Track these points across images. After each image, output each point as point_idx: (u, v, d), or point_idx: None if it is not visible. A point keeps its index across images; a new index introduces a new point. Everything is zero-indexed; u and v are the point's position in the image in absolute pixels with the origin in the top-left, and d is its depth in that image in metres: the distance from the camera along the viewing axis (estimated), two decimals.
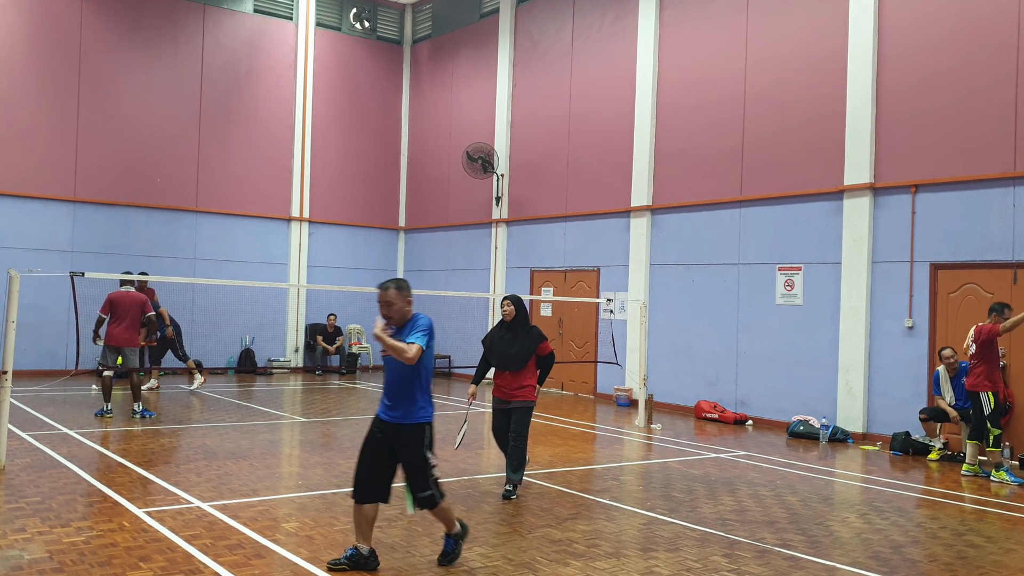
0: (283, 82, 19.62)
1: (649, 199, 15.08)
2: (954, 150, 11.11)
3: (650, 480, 8.73)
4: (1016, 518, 7.60)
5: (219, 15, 18.81)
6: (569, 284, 16.84)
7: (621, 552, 6.06)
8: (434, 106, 20.69)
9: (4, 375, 8.09)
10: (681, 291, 14.53)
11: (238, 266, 18.78)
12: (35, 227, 16.58)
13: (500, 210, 18.40)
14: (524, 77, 18.10)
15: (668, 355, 14.58)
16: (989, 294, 10.66)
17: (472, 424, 12.35)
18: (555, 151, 17.19)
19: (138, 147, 17.72)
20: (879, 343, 11.79)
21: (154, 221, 17.91)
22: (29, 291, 14.65)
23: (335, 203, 20.38)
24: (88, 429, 10.59)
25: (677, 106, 14.79)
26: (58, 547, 5.69)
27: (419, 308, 5.57)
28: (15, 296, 8.33)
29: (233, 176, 18.88)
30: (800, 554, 6.15)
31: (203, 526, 6.32)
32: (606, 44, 16.20)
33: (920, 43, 11.53)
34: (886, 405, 11.65)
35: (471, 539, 6.24)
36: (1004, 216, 10.60)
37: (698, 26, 14.50)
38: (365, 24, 20.71)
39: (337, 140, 20.40)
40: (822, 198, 12.55)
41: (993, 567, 6.04)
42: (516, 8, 18.42)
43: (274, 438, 10.61)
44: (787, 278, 12.95)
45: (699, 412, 13.64)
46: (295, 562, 5.57)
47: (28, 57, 16.64)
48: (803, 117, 12.82)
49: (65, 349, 16.48)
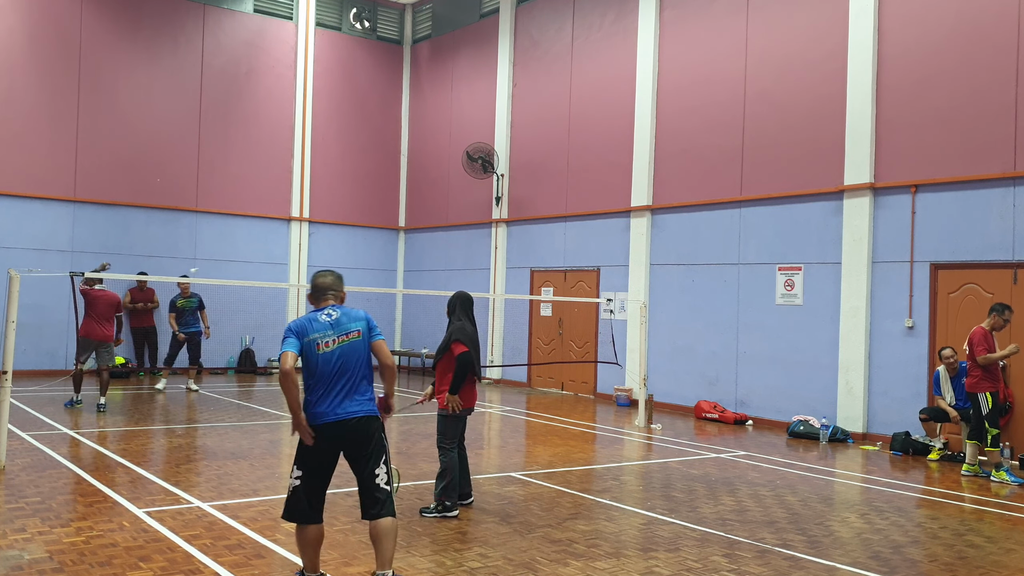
0: (283, 82, 19.62)
1: (649, 199, 15.08)
2: (954, 150, 11.11)
3: (650, 480, 8.73)
4: (1016, 518, 7.60)
5: (219, 15, 18.81)
6: (569, 284, 16.84)
7: (621, 552, 6.06)
8: (434, 106, 20.69)
9: (4, 375, 8.10)
10: (681, 291, 14.53)
11: (238, 266, 18.77)
12: (35, 227, 16.58)
13: (500, 210, 18.40)
14: (524, 77, 18.10)
15: (668, 355, 14.58)
16: (989, 294, 10.66)
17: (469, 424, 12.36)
18: (555, 151, 17.18)
19: (138, 147, 17.72)
20: (879, 343, 11.79)
21: (154, 221, 17.91)
22: (29, 291, 14.65)
23: (335, 203, 20.37)
24: (88, 429, 10.60)
25: (677, 106, 14.78)
26: (58, 547, 5.69)
27: (419, 308, 5.59)
28: (15, 296, 8.33)
29: (233, 176, 18.88)
30: (800, 554, 6.15)
31: (203, 526, 6.32)
32: (606, 44, 16.20)
33: (920, 43, 11.53)
34: (886, 405, 11.64)
35: (471, 539, 6.25)
36: (1004, 216, 10.60)
37: (698, 26, 14.50)
38: (365, 24, 20.71)
39: (337, 140, 20.40)
40: (822, 198, 12.55)
41: (993, 567, 6.04)
42: (516, 8, 18.42)
43: (274, 438, 10.61)
44: (787, 278, 12.95)
45: (699, 412, 13.64)
46: (295, 562, 5.57)
47: (28, 57, 16.63)
48: (803, 117, 12.82)
49: (65, 349, 16.47)
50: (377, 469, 4.96)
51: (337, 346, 4.97)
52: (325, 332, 4.98)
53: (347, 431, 4.93)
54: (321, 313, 5.09)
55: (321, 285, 5.21)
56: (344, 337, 5.01)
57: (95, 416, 11.71)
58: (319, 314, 5.08)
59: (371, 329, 5.14)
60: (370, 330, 5.13)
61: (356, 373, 5.00)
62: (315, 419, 4.94)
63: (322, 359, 4.94)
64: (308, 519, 4.96)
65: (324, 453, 4.99)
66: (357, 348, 5.03)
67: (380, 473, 4.96)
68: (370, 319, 5.19)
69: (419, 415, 12.60)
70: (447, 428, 7.10)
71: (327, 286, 5.22)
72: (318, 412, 4.94)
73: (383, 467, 4.98)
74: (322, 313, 5.09)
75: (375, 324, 5.21)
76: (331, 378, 4.94)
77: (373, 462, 4.97)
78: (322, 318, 5.04)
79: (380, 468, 4.97)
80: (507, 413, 13.82)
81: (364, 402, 5.00)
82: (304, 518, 4.96)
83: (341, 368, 4.96)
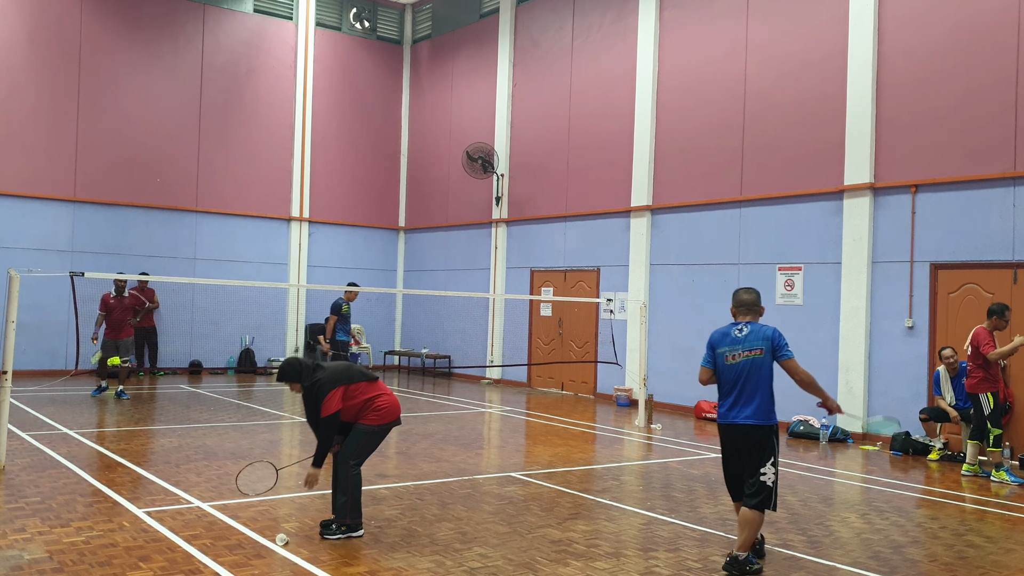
0: (283, 82, 19.62)
1: (649, 199, 15.08)
2: (954, 150, 11.11)
3: (650, 480, 8.73)
4: (1016, 518, 7.60)
5: (219, 15, 18.81)
6: (569, 284, 16.84)
7: (621, 552, 6.06)
8: (434, 106, 20.69)
9: (4, 375, 8.09)
10: (681, 291, 14.53)
11: (238, 266, 18.77)
12: (35, 227, 16.58)
13: (500, 210, 18.40)
14: (524, 77, 18.10)
15: (668, 355, 14.57)
16: (989, 294, 10.66)
17: (466, 423, 12.37)
18: (555, 151, 17.18)
19: (138, 147, 17.72)
20: (879, 343, 11.79)
21: (154, 221, 17.91)
22: (29, 291, 14.65)
23: (335, 203, 20.37)
24: (88, 429, 10.60)
25: (677, 106, 14.78)
26: (58, 547, 5.69)
27: (419, 308, 5.58)
28: (15, 296, 8.33)
29: (233, 176, 18.88)
30: (800, 554, 6.15)
31: (203, 526, 6.32)
32: (606, 44, 16.20)
33: (920, 43, 11.53)
34: (886, 405, 11.63)
35: (471, 539, 6.24)
36: (1004, 216, 10.60)
37: (698, 26, 14.49)
38: (365, 24, 20.70)
39: (337, 140, 20.40)
40: (822, 198, 12.55)
41: (993, 567, 6.04)
42: (516, 8, 18.42)
43: (274, 438, 10.61)
44: (787, 278, 12.95)
45: (699, 412, 13.64)
46: (295, 562, 5.57)
47: (28, 57, 16.64)
48: (803, 117, 12.82)
49: (65, 349, 16.48)
50: (763, 468, 5.69)
51: (741, 360, 5.76)
52: (733, 346, 5.81)
53: (738, 434, 5.79)
54: (735, 328, 5.87)
55: (744, 301, 5.98)
56: (748, 353, 5.76)
57: (113, 405, 12.54)
58: (733, 328, 5.88)
59: (778, 348, 5.78)
60: (776, 349, 5.78)
61: (753, 385, 5.75)
62: (720, 419, 5.92)
63: (727, 369, 5.81)
64: (735, 496, 5.99)
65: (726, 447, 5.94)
66: (758, 364, 5.75)
67: (767, 471, 5.68)
68: (776, 338, 5.81)
69: (419, 415, 12.59)
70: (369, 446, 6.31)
71: (747, 303, 5.97)
72: (720, 413, 5.91)
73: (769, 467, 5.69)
74: (735, 328, 5.87)
75: (784, 343, 5.82)
76: (732, 386, 5.80)
77: (758, 462, 5.72)
78: (735, 333, 5.86)
79: (767, 467, 5.69)
80: (507, 413, 13.82)
81: (755, 411, 5.74)
82: (734, 495, 6.02)
83: (741, 379, 5.76)
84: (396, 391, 15.97)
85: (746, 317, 5.93)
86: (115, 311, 13.49)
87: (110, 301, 13.49)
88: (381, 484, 7.97)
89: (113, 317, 13.47)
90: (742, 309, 5.96)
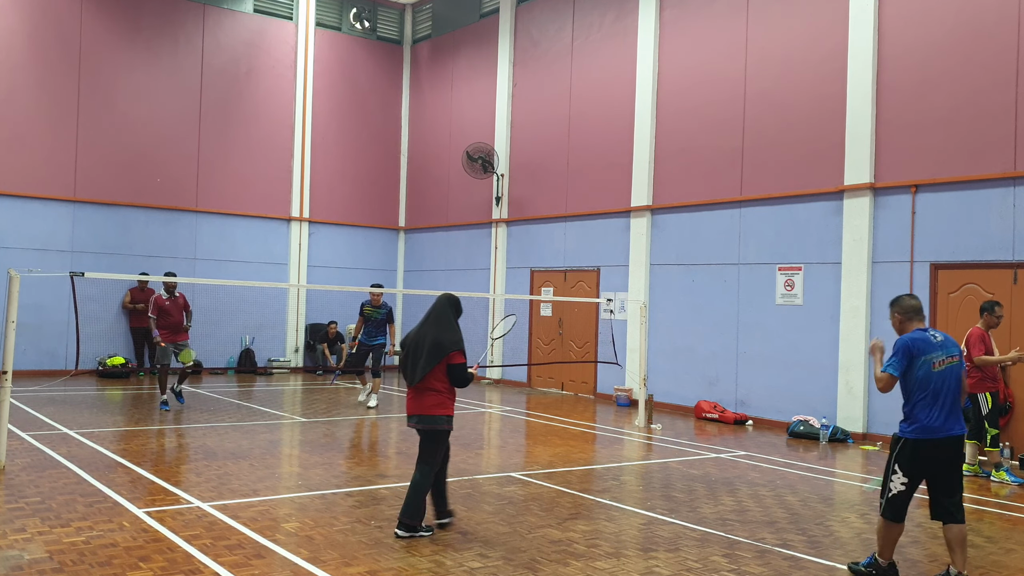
0: (283, 82, 19.62)
1: (649, 199, 15.08)
2: (954, 150, 11.11)
3: (650, 480, 8.73)
4: (1016, 518, 7.60)
5: (219, 15, 18.81)
6: (569, 284, 16.84)
7: (621, 552, 6.06)
8: (434, 106, 20.69)
9: (4, 375, 8.10)
10: (681, 291, 14.53)
11: (238, 266, 18.77)
12: (35, 227, 16.58)
13: (500, 210, 18.40)
14: (524, 77, 18.10)
15: (668, 355, 14.57)
16: (989, 294, 10.65)
17: (466, 423, 12.37)
18: (555, 151, 17.18)
19: (138, 147, 17.72)
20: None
21: (154, 221, 17.91)
22: (29, 291, 14.66)
23: (335, 203, 20.37)
24: (88, 429, 10.59)
25: (677, 106, 14.78)
26: (58, 547, 5.69)
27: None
28: (15, 296, 8.33)
29: (233, 176, 18.88)
30: (800, 554, 6.15)
31: (203, 526, 6.32)
32: (606, 44, 16.20)
33: (920, 43, 11.53)
34: (886, 405, 11.61)
35: (471, 539, 6.24)
36: (1004, 216, 10.60)
37: (698, 26, 14.49)
38: (365, 24, 20.70)
39: (337, 140, 20.40)
40: (822, 198, 12.55)
41: (993, 567, 6.04)
42: (516, 8, 18.42)
43: (274, 438, 10.61)
44: (787, 278, 12.95)
45: (699, 412, 13.63)
46: (295, 562, 5.57)
47: (28, 57, 16.64)
48: (803, 117, 12.82)
49: (65, 349, 16.48)
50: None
51: (946, 367, 5.61)
52: (936, 353, 5.60)
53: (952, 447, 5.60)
54: (927, 334, 5.68)
55: (917, 308, 5.87)
56: (949, 359, 5.63)
57: (113, 405, 12.32)
58: (926, 335, 5.68)
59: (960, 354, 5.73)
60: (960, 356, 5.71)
61: (955, 394, 5.62)
62: (923, 433, 5.59)
63: (934, 377, 5.58)
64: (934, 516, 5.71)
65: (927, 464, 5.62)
66: (955, 371, 5.65)
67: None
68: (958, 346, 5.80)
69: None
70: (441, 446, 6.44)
71: (919, 309, 5.88)
72: (930, 427, 5.58)
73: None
74: (928, 334, 5.68)
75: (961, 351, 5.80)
76: (940, 396, 5.58)
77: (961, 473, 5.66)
78: (932, 338, 5.66)
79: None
80: (507, 413, 13.82)
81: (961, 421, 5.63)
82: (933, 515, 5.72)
83: (945, 387, 5.58)
84: (396, 391, 15.98)
85: (920, 323, 5.82)
86: (172, 313, 12.62)
87: (165, 304, 12.56)
88: (381, 484, 7.97)
89: (172, 320, 12.61)
90: (917, 315, 5.84)
